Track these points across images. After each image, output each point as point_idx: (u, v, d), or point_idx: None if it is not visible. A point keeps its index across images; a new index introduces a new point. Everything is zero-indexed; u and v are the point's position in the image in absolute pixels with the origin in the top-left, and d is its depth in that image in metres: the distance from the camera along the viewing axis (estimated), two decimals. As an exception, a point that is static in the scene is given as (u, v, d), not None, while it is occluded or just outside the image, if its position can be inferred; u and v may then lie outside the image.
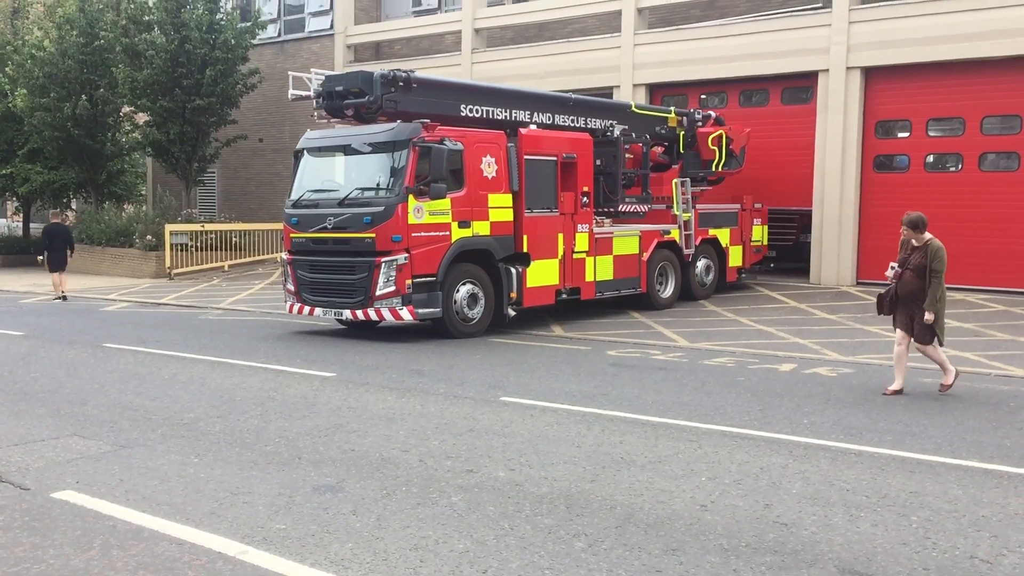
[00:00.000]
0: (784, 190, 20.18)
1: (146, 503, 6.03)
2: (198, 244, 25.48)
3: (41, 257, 20.91)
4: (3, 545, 5.30)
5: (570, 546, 5.24)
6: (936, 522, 5.60)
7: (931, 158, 18.85)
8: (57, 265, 20.34)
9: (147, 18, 26.24)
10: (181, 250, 25.09)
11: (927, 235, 9.42)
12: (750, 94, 21.06)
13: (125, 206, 32.78)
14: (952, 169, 18.58)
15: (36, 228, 34.49)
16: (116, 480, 6.54)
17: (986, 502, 5.97)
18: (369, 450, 7.29)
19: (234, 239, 26.50)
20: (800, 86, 20.30)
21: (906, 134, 19.10)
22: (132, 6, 26.57)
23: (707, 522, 5.61)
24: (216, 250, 25.88)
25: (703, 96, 21.56)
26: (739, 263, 18.95)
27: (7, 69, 27.94)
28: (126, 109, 29.18)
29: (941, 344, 9.59)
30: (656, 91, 22.00)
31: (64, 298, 20.31)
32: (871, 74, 19.04)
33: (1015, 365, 11.13)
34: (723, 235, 18.39)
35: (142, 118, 28.60)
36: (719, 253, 18.40)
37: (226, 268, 25.76)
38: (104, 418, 8.51)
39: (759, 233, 19.40)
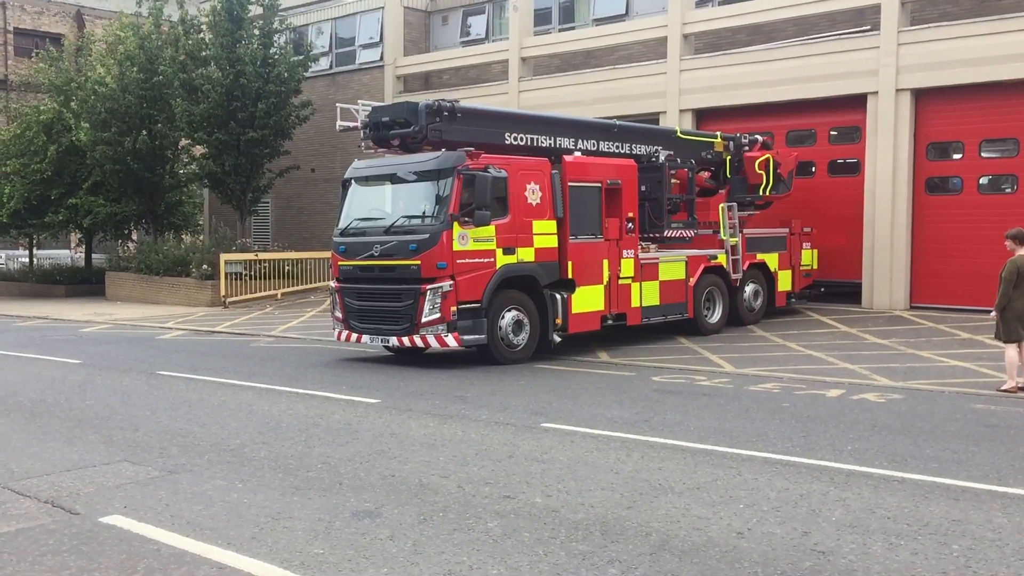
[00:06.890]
0: (837, 261, 19.96)
1: (190, 527, 6.17)
2: (252, 273, 25.97)
3: None
4: (51, 568, 5.47)
5: (603, 573, 5.25)
6: (978, 551, 5.50)
7: (985, 180, 18.52)
8: None
9: (204, 53, 26.96)
10: (236, 279, 25.61)
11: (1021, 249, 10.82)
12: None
13: (183, 236, 33.59)
14: (1007, 190, 18.24)
15: (98, 259, 35.44)
16: (162, 505, 6.71)
17: (1032, 531, 5.85)
18: (409, 476, 7.37)
19: (287, 267, 26.95)
20: (848, 158, 20.17)
21: (959, 155, 18.80)
22: (190, 42, 27.35)
23: (743, 549, 5.58)
24: (269, 278, 26.34)
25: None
26: (788, 287, 18.76)
27: (71, 104, 28.90)
28: (183, 142, 30.00)
29: (998, 338, 11.00)
30: (703, 116, 21.96)
31: None
32: (921, 96, 18.81)
33: (1072, 390, 10.86)
34: (771, 260, 18.24)
35: (199, 151, 29.31)
36: (767, 278, 18.25)
37: (279, 296, 26.19)
38: (154, 444, 8.72)
39: (808, 257, 19.20)
